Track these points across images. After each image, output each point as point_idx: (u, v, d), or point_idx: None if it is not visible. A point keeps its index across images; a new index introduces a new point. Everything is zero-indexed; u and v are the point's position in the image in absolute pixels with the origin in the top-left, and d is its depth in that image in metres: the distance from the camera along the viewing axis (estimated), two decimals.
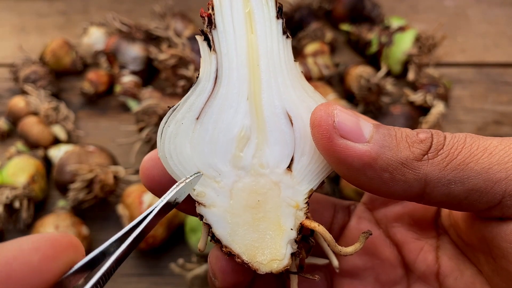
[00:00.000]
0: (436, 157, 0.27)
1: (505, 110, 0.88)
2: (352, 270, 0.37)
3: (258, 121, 0.31)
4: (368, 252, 0.37)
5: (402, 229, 0.36)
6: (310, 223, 0.30)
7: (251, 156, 0.31)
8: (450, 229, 0.34)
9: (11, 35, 1.00)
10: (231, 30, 0.31)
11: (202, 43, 0.31)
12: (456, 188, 0.26)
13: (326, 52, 0.90)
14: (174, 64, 0.79)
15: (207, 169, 0.30)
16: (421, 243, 0.35)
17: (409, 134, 0.28)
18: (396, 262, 0.36)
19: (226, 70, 0.31)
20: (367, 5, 0.95)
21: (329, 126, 0.27)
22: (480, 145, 0.27)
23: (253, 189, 0.30)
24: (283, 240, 0.30)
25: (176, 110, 0.31)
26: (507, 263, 0.26)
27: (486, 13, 1.03)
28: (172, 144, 0.30)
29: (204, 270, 0.65)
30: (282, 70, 0.31)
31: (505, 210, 0.26)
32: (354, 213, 0.39)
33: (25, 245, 0.23)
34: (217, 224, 0.30)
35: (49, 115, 0.81)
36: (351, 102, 0.85)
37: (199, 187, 0.30)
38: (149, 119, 0.77)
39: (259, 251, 0.30)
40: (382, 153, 0.27)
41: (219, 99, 0.31)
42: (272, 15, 0.31)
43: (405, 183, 0.27)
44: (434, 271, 0.34)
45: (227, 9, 0.31)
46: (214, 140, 0.30)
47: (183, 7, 1.01)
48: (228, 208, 0.30)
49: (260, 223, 0.30)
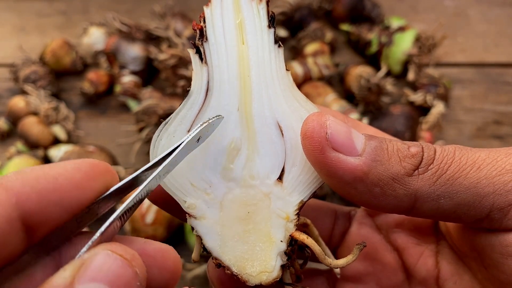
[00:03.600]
0: (426, 172, 0.27)
1: (505, 110, 0.88)
2: (354, 275, 0.37)
3: (249, 132, 0.31)
4: (369, 257, 0.37)
5: (402, 235, 0.36)
6: (299, 236, 0.30)
7: (242, 167, 0.31)
8: (446, 236, 0.34)
9: (11, 35, 1.00)
10: (222, 42, 0.31)
11: (193, 56, 0.31)
12: (445, 202, 0.27)
13: (326, 52, 0.90)
14: (174, 64, 0.79)
15: (198, 181, 0.30)
16: (421, 248, 0.35)
17: (401, 148, 0.28)
18: (397, 267, 0.36)
19: (217, 82, 0.31)
20: (367, 5, 0.95)
21: (322, 138, 0.27)
22: (469, 159, 0.27)
23: (243, 201, 0.30)
24: (273, 252, 0.30)
25: (168, 123, 0.31)
26: (498, 272, 0.27)
27: (486, 13, 1.03)
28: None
29: (204, 270, 0.65)
30: (273, 80, 0.31)
31: (493, 223, 0.27)
32: (354, 219, 0.39)
33: (69, 165, 0.25)
34: (207, 236, 0.30)
35: (49, 115, 0.81)
36: (351, 102, 0.85)
37: (190, 199, 0.30)
38: (149, 119, 0.77)
39: (248, 263, 0.30)
40: (374, 168, 0.27)
41: (209, 112, 0.31)
42: (264, 25, 0.31)
43: (395, 198, 0.27)
44: (434, 276, 0.34)
45: (218, 21, 0.31)
46: (204, 152, 0.30)
47: (183, 7, 1.01)
48: (218, 220, 0.30)
49: (250, 235, 0.30)
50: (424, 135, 0.78)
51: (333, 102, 0.82)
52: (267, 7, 0.31)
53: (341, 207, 0.40)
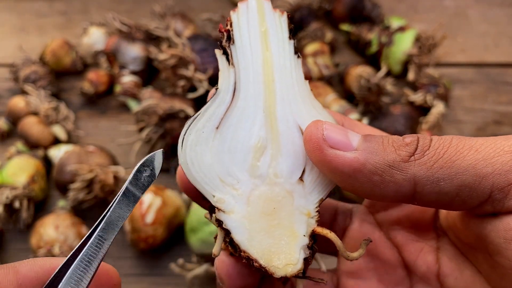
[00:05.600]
0: (423, 157, 0.28)
1: (505, 110, 0.88)
2: (355, 271, 0.37)
3: (273, 133, 0.32)
4: (370, 254, 0.37)
5: (402, 231, 0.36)
6: (322, 230, 0.32)
7: (267, 166, 0.32)
8: (448, 231, 0.35)
9: (11, 35, 1.00)
10: (248, 46, 0.33)
11: (221, 57, 0.33)
12: (445, 185, 0.27)
13: (326, 52, 0.90)
14: (174, 64, 0.79)
15: (226, 177, 0.32)
16: (420, 245, 0.35)
17: (396, 140, 0.29)
18: (397, 264, 0.36)
19: (243, 84, 0.33)
20: (367, 5, 0.95)
21: (319, 139, 0.29)
22: (466, 144, 0.28)
23: (268, 197, 0.32)
24: (297, 246, 0.31)
25: (196, 119, 0.32)
26: (502, 258, 0.27)
27: (486, 13, 1.03)
28: (193, 152, 0.31)
29: (204, 270, 0.65)
30: (294, 87, 0.33)
31: (495, 204, 0.27)
32: (356, 216, 0.39)
33: None
34: (236, 229, 0.31)
35: (49, 115, 0.81)
36: (351, 102, 0.85)
37: (218, 194, 0.32)
38: (149, 119, 0.77)
39: (275, 256, 0.31)
40: (370, 158, 0.28)
41: (237, 111, 0.32)
42: (286, 36, 0.34)
43: (395, 184, 0.28)
44: (435, 272, 0.34)
45: (245, 27, 0.33)
46: (232, 149, 0.32)
47: (183, 7, 1.01)
48: (246, 214, 0.31)
49: (275, 229, 0.32)
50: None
51: (333, 102, 0.82)
52: (288, 20, 0.34)
53: (343, 204, 0.41)
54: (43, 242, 0.68)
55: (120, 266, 0.73)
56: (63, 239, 0.68)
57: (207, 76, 0.78)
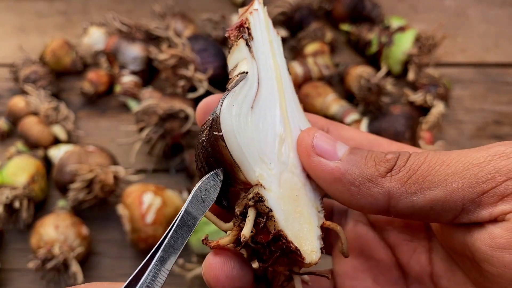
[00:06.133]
0: (398, 173, 0.29)
1: (505, 110, 0.88)
2: (351, 271, 0.38)
3: (287, 129, 0.34)
4: (364, 254, 0.38)
5: (395, 232, 0.37)
6: (331, 224, 0.33)
7: (287, 155, 0.33)
8: (437, 236, 0.35)
9: (11, 35, 1.00)
10: (263, 46, 0.35)
11: (244, 47, 0.34)
12: (418, 200, 0.28)
13: (326, 52, 0.90)
14: (174, 64, 0.79)
15: (264, 155, 0.32)
16: (414, 245, 0.36)
17: (378, 155, 0.31)
18: (391, 264, 0.37)
19: (263, 78, 0.34)
20: (367, 5, 0.95)
21: (308, 145, 0.32)
22: (439, 159, 0.29)
23: (291, 184, 0.33)
24: (315, 235, 0.32)
25: (235, 93, 0.32)
26: (489, 266, 0.27)
27: (486, 13, 1.03)
28: (237, 122, 0.31)
29: None
30: (293, 94, 0.36)
31: (470, 215, 0.28)
32: (350, 216, 0.40)
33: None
34: (275, 207, 0.31)
35: (49, 115, 0.81)
36: (351, 102, 0.85)
37: (259, 169, 0.31)
38: (149, 119, 0.77)
39: (303, 241, 0.32)
40: (350, 170, 0.30)
41: (263, 99, 0.33)
42: (282, 52, 0.37)
43: (371, 196, 0.30)
44: (428, 272, 0.34)
45: (259, 30, 0.35)
46: (264, 130, 0.33)
47: (183, 7, 1.01)
48: (279, 195, 0.32)
49: (300, 216, 0.32)
50: (424, 135, 0.78)
51: (333, 102, 0.82)
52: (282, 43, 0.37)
53: (338, 203, 0.41)
54: (43, 242, 0.68)
55: (120, 266, 0.73)
56: (63, 239, 0.68)
57: (207, 76, 0.78)
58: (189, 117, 0.77)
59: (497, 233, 0.26)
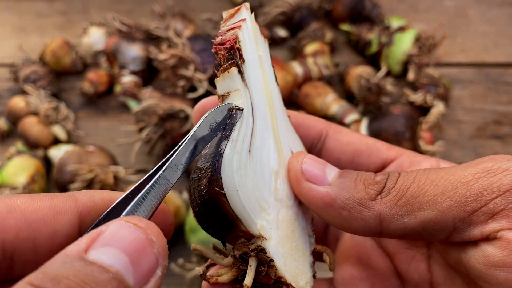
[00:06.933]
0: (388, 195, 0.29)
1: (505, 110, 0.88)
2: (349, 280, 0.37)
3: (281, 157, 0.33)
4: (362, 263, 0.37)
5: (393, 240, 0.36)
6: (321, 248, 0.34)
7: (282, 188, 0.32)
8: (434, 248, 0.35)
9: (11, 35, 1.00)
10: (254, 67, 0.32)
11: (237, 75, 0.31)
12: (409, 221, 0.28)
13: (326, 52, 0.90)
14: (174, 64, 0.79)
15: (262, 201, 0.30)
16: (412, 253, 0.35)
17: (367, 177, 0.31)
18: (390, 272, 0.37)
19: (256, 106, 0.32)
20: (367, 5, 0.95)
21: (297, 171, 0.32)
22: (428, 179, 0.29)
23: (287, 220, 0.32)
24: (308, 264, 0.33)
25: (234, 141, 0.30)
26: (484, 283, 0.27)
27: (486, 13, 1.03)
28: (239, 176, 0.29)
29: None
30: (283, 113, 0.34)
31: (462, 234, 0.28)
32: None
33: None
34: (275, 256, 0.30)
35: (49, 115, 0.81)
36: (351, 102, 0.85)
37: (260, 220, 0.30)
38: (149, 119, 0.77)
39: (299, 277, 0.32)
40: (340, 194, 0.30)
41: (258, 133, 0.31)
42: (270, 61, 0.34)
43: (363, 219, 0.29)
44: (428, 280, 0.34)
45: (249, 47, 0.32)
46: (262, 172, 0.31)
47: (183, 7, 1.01)
48: (279, 239, 0.31)
49: (295, 251, 0.32)
50: (424, 135, 0.78)
51: (333, 102, 0.82)
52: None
53: None
54: None
55: None
56: None
57: (207, 76, 0.78)
58: (189, 117, 0.77)
59: (490, 251, 0.27)
